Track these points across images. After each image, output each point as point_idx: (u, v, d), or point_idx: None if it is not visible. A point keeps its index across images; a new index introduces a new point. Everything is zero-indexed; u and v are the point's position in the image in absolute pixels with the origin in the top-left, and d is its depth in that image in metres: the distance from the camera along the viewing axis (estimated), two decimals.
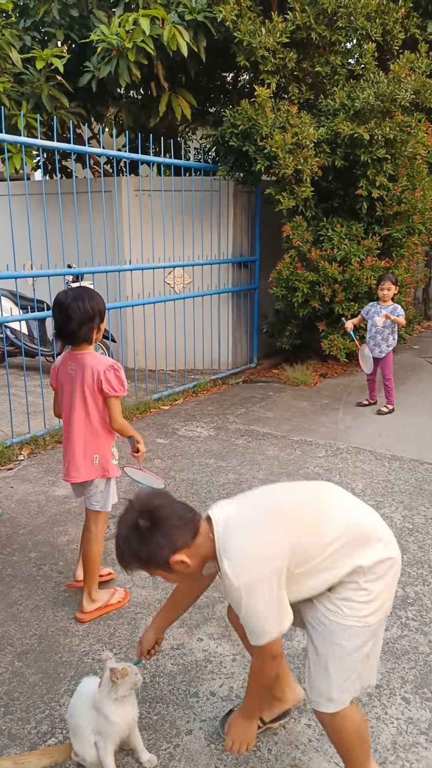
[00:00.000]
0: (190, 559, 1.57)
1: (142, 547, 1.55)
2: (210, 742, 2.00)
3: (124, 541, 1.58)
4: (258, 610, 1.54)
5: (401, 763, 1.90)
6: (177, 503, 1.61)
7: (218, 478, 4.14)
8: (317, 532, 1.59)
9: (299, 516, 1.62)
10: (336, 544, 1.57)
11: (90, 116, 6.81)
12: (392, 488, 3.94)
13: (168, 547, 1.54)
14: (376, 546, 1.60)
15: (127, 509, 1.60)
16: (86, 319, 2.51)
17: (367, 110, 5.75)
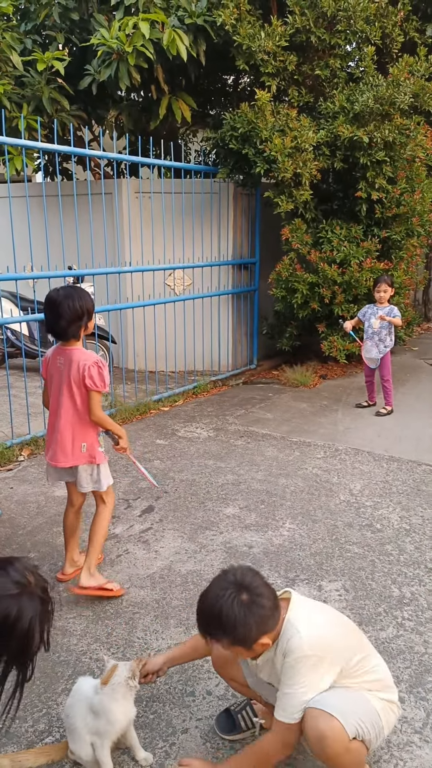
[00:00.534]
0: (271, 640, 1.65)
1: (242, 626, 1.58)
2: (206, 740, 2.01)
3: (225, 618, 1.59)
4: (305, 689, 1.62)
5: (395, 762, 1.92)
6: (268, 585, 1.68)
7: (217, 478, 4.16)
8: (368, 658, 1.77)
9: (359, 636, 1.82)
10: (375, 673, 1.77)
11: (90, 119, 6.84)
12: (390, 489, 3.96)
13: (261, 630, 1.61)
14: (393, 690, 1.83)
15: (221, 581, 1.65)
16: (75, 318, 2.66)
17: (366, 113, 5.77)
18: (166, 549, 3.26)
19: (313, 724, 1.62)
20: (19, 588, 1.41)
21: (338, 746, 1.59)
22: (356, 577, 2.96)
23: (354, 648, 1.73)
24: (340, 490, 3.95)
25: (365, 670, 1.76)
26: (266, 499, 3.84)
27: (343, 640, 1.73)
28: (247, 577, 1.64)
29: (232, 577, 1.65)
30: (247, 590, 1.61)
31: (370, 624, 2.58)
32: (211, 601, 1.62)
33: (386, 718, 1.76)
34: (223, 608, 1.59)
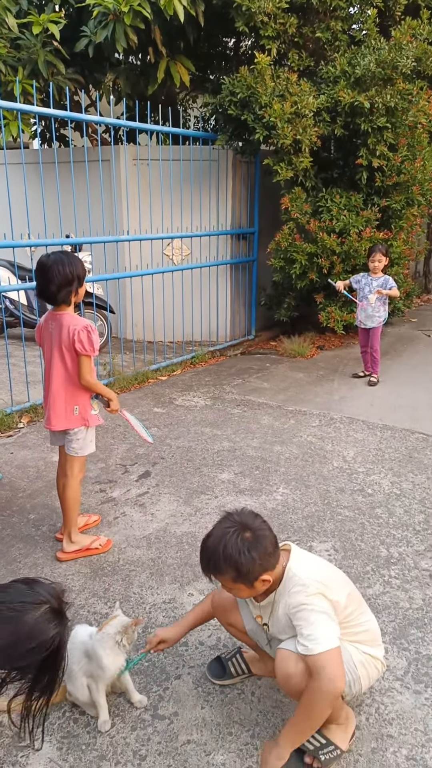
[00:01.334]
0: (271, 578, 1.72)
1: (245, 559, 1.65)
2: (197, 685, 2.11)
3: (229, 551, 1.66)
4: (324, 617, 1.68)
5: (377, 705, 2.02)
6: (270, 528, 1.76)
7: (213, 445, 4.23)
8: (359, 610, 1.87)
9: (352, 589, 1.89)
10: (363, 627, 1.86)
11: (87, 83, 6.73)
12: (383, 456, 4.03)
13: (263, 566, 1.68)
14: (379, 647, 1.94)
15: (225, 521, 1.73)
16: (65, 283, 2.68)
17: (367, 77, 5.68)
18: (162, 512, 3.35)
19: (281, 665, 1.72)
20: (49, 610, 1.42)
21: (303, 686, 1.68)
22: (346, 538, 3.04)
23: (346, 597, 1.81)
24: (334, 457, 4.02)
25: (356, 623, 1.84)
26: (261, 465, 3.91)
27: (339, 586, 1.81)
28: (249, 518, 1.74)
29: (235, 518, 1.73)
30: (249, 529, 1.70)
31: (358, 581, 2.67)
32: (216, 539, 1.70)
33: (366, 671, 1.84)
34: (227, 544, 1.67)
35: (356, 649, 1.83)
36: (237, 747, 1.87)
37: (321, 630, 1.65)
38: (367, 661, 1.85)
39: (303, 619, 1.67)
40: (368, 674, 1.86)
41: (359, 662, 1.82)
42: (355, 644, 1.84)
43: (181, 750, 1.87)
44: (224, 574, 1.71)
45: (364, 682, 1.85)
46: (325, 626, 1.66)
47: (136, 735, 1.92)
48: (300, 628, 1.68)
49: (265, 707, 2.02)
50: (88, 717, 1.99)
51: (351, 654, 1.80)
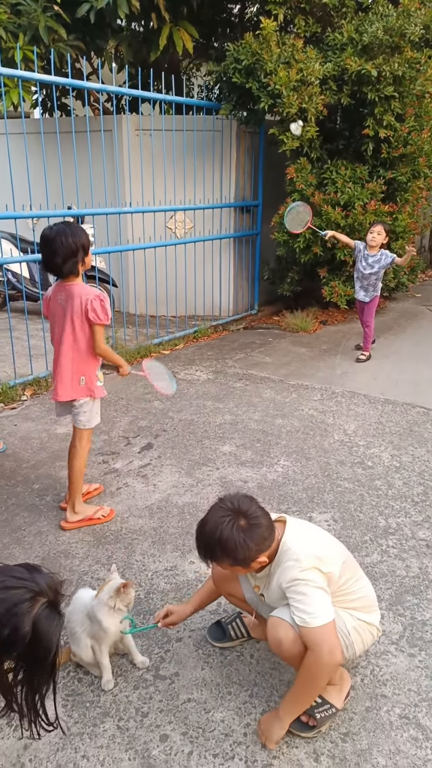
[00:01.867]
0: (267, 557, 1.77)
1: (242, 548, 1.68)
2: (198, 648, 2.18)
3: (225, 542, 1.68)
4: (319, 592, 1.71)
5: (371, 667, 2.08)
6: (262, 507, 1.77)
7: (215, 418, 4.26)
8: (354, 577, 1.90)
9: (347, 557, 1.92)
10: (359, 594, 1.90)
11: (89, 50, 6.60)
12: (383, 430, 4.06)
13: (257, 551, 1.72)
14: (375, 613, 1.97)
15: (219, 508, 1.74)
16: (70, 254, 2.68)
17: (375, 45, 5.56)
18: (164, 483, 3.39)
19: (272, 632, 1.77)
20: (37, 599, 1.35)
21: (294, 651, 1.74)
22: (345, 509, 3.09)
23: (342, 566, 1.84)
24: (335, 431, 4.05)
25: (350, 591, 1.88)
26: (262, 438, 3.95)
27: (333, 556, 1.84)
28: (243, 504, 1.74)
29: (229, 504, 1.74)
30: (244, 516, 1.71)
31: (356, 550, 2.72)
32: (212, 529, 1.71)
33: (360, 637, 1.89)
34: (223, 534, 1.69)
35: (350, 616, 1.87)
36: (236, 705, 1.94)
37: (317, 604, 1.69)
38: (361, 627, 1.90)
39: (298, 593, 1.71)
40: (362, 639, 1.91)
41: (353, 628, 1.87)
42: (350, 611, 1.88)
43: (181, 708, 1.93)
44: (221, 562, 1.75)
45: (358, 647, 1.90)
46: (321, 600, 1.70)
47: (139, 694, 1.99)
48: (294, 602, 1.72)
49: (263, 669, 2.09)
50: (92, 677, 2.06)
51: (345, 620, 1.85)
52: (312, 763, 1.75)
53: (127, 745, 1.80)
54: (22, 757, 1.77)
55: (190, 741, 1.82)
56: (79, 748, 1.80)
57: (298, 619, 1.70)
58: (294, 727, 1.82)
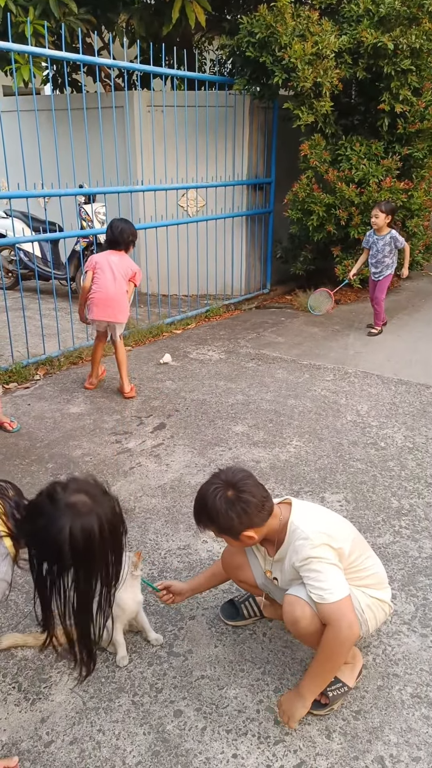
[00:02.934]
0: (257, 535, 1.79)
1: (224, 517, 1.74)
2: (211, 626, 2.20)
3: (210, 509, 1.76)
4: (332, 568, 1.72)
5: (383, 647, 2.10)
6: (260, 486, 1.80)
7: (227, 399, 4.26)
8: (364, 555, 1.91)
9: (356, 536, 1.93)
10: (369, 571, 1.90)
11: (100, 24, 6.49)
12: (396, 410, 4.04)
13: (245, 524, 1.76)
14: (386, 590, 1.97)
15: (214, 478, 1.80)
16: (134, 237, 4.23)
17: (392, 16, 5.41)
18: (177, 463, 3.41)
19: (289, 610, 1.78)
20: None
21: (310, 629, 1.75)
22: (358, 490, 3.09)
23: (350, 543, 1.85)
24: (348, 411, 4.04)
25: (361, 568, 1.89)
26: (274, 418, 3.94)
27: (342, 533, 1.85)
28: (236, 477, 1.78)
29: (223, 475, 1.79)
30: (233, 487, 1.75)
31: (369, 531, 2.72)
32: (201, 495, 1.80)
33: (373, 614, 1.90)
34: (208, 501, 1.76)
35: (363, 594, 1.88)
36: (248, 682, 1.96)
37: (333, 580, 1.70)
38: (374, 604, 1.91)
39: (313, 571, 1.72)
40: (375, 616, 1.91)
41: (366, 605, 1.88)
42: (362, 588, 1.89)
43: (195, 684, 1.96)
44: (208, 528, 1.82)
45: (371, 624, 1.91)
46: (336, 576, 1.71)
47: (153, 670, 2.02)
48: (309, 580, 1.73)
49: (275, 647, 2.11)
50: (107, 653, 2.09)
51: (358, 598, 1.86)
52: (324, 740, 1.77)
53: (141, 720, 1.84)
54: (39, 730, 1.81)
55: (204, 717, 1.85)
56: (95, 722, 1.83)
57: (315, 596, 1.71)
58: None
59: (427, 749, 1.74)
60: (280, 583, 1.92)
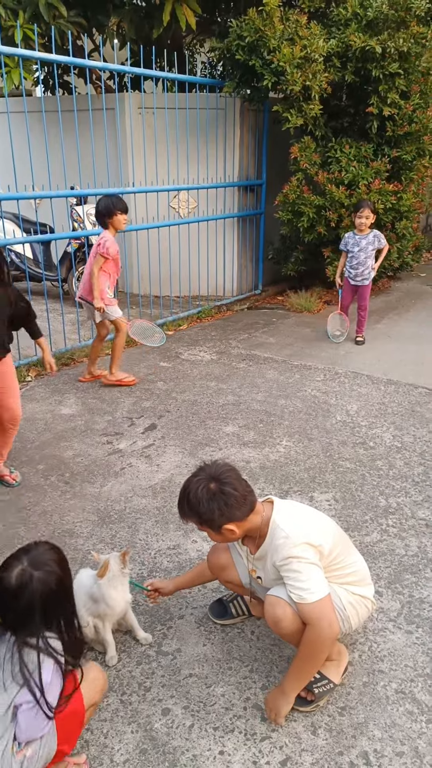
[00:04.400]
0: (238, 530, 1.82)
1: (205, 510, 1.78)
2: (200, 625, 2.22)
3: (191, 499, 1.80)
4: (312, 568, 1.75)
5: (369, 644, 2.12)
6: (243, 481, 1.84)
7: (218, 399, 4.28)
8: (346, 553, 1.94)
9: (338, 534, 1.95)
10: (351, 568, 1.93)
11: (90, 27, 6.50)
12: (386, 410, 4.07)
13: (225, 517, 1.79)
14: (368, 586, 2.01)
15: (199, 471, 1.85)
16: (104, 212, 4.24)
17: (380, 20, 5.45)
18: (168, 463, 3.43)
19: (270, 610, 1.81)
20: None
21: (292, 628, 1.78)
22: (346, 489, 3.12)
23: (331, 540, 1.87)
24: (337, 411, 4.07)
25: (342, 565, 1.91)
26: (265, 418, 3.97)
27: (323, 531, 1.87)
28: (219, 470, 1.82)
29: (208, 470, 1.83)
30: (216, 481, 1.79)
31: (357, 530, 2.75)
32: (185, 486, 1.84)
33: (355, 611, 1.92)
34: (191, 492, 1.80)
35: (345, 591, 1.90)
36: (236, 680, 1.99)
37: (312, 580, 1.73)
38: (356, 601, 1.93)
39: (293, 571, 1.74)
40: (357, 613, 1.94)
41: (348, 603, 1.90)
42: (344, 586, 1.91)
43: (183, 683, 1.98)
44: (190, 519, 1.84)
45: (354, 621, 1.94)
46: (315, 576, 1.74)
47: (141, 669, 2.04)
48: (289, 579, 1.75)
49: (263, 645, 2.13)
50: (95, 652, 2.11)
51: (340, 596, 1.88)
52: (310, 736, 1.80)
53: (130, 719, 1.86)
54: None
55: (191, 715, 1.87)
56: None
57: (294, 596, 1.73)
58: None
59: (411, 744, 1.77)
60: (264, 582, 1.95)
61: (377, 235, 5.32)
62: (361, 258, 5.32)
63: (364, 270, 5.35)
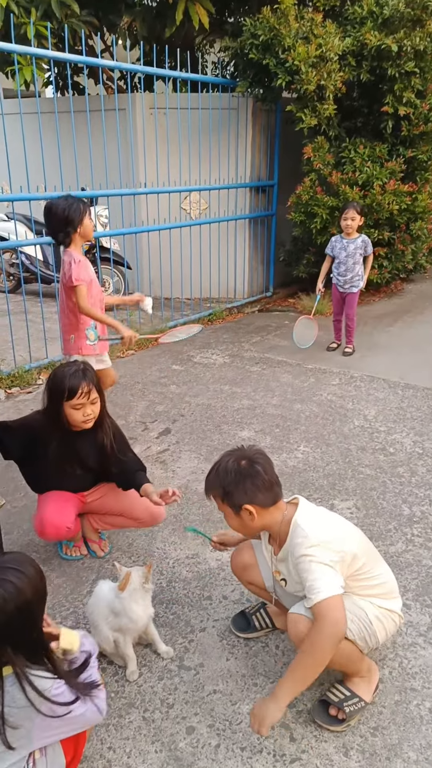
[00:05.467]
0: (257, 516, 1.79)
1: (231, 483, 1.78)
2: (222, 638, 2.15)
3: (222, 471, 1.80)
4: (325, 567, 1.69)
5: (399, 660, 2.05)
6: (275, 474, 1.83)
7: (232, 403, 4.21)
8: (373, 563, 1.87)
9: (365, 543, 1.89)
10: (378, 580, 1.86)
11: (102, 26, 6.46)
12: (404, 415, 3.99)
13: (248, 495, 1.77)
14: (396, 599, 1.93)
15: (234, 449, 1.87)
16: (61, 224, 3.04)
17: (396, 18, 5.38)
18: (183, 469, 3.36)
19: (293, 628, 1.74)
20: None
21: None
22: (368, 496, 3.04)
23: (357, 549, 1.80)
24: (355, 416, 3.99)
25: (368, 576, 1.84)
26: (281, 423, 3.90)
27: (346, 538, 1.80)
28: (254, 452, 1.84)
29: (244, 450, 1.85)
30: (248, 459, 1.80)
31: (380, 539, 2.67)
32: (218, 461, 1.85)
33: (382, 625, 1.84)
34: (221, 465, 1.82)
35: (371, 605, 1.83)
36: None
37: (321, 580, 1.66)
38: (383, 615, 1.85)
39: (305, 570, 1.70)
40: (385, 627, 1.86)
41: (374, 617, 1.82)
42: (370, 598, 1.84)
43: (207, 699, 1.91)
44: (213, 490, 1.83)
45: (381, 636, 1.86)
46: (326, 575, 1.67)
47: (163, 684, 1.97)
48: (304, 580, 1.71)
49: (289, 660, 2.06)
50: (116, 666, 2.04)
51: (365, 610, 1.81)
52: (341, 758, 1.72)
53: (153, 737, 1.79)
54: None
55: (217, 734, 1.79)
56: (105, 740, 1.78)
57: (307, 601, 1.68)
58: (323, 720, 1.80)
59: None
60: (287, 586, 1.88)
61: (366, 240, 4.97)
62: (349, 264, 4.97)
63: (353, 276, 5.01)
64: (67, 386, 2.19)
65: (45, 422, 2.30)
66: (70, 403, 2.21)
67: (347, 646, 1.77)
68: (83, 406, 2.23)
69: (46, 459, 2.33)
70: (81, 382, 2.20)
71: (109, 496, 2.52)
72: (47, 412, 2.28)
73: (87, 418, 2.26)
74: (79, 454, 2.37)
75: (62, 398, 2.20)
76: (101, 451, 2.39)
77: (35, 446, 2.33)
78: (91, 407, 2.25)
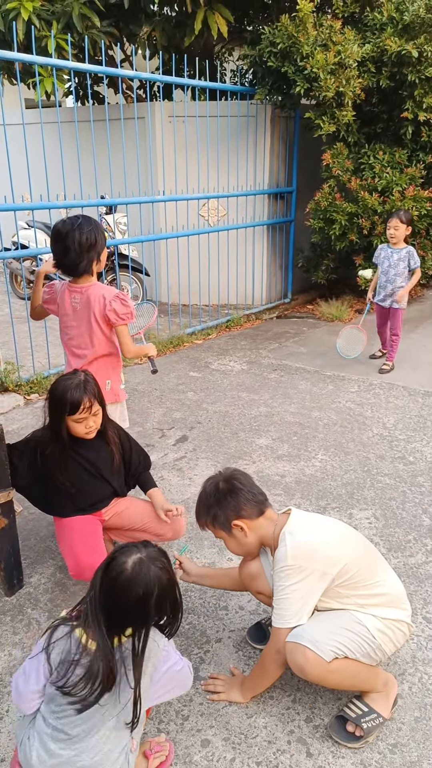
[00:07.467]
0: (248, 530, 1.84)
1: (214, 504, 1.85)
2: (238, 649, 2.13)
3: (203, 496, 1.89)
4: (291, 595, 1.74)
5: (419, 675, 2.00)
6: (256, 486, 1.90)
7: (250, 410, 4.19)
8: (370, 571, 1.83)
9: (362, 551, 1.87)
10: (378, 588, 1.82)
11: (122, 36, 6.53)
12: (424, 423, 3.93)
13: (233, 512, 1.83)
14: (402, 608, 1.87)
15: (214, 475, 1.94)
16: (84, 250, 2.50)
17: (417, 24, 5.34)
18: (200, 476, 3.34)
19: (292, 659, 1.72)
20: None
21: (319, 671, 1.69)
22: (387, 506, 2.99)
23: (349, 557, 1.76)
24: (374, 424, 3.95)
25: (366, 584, 1.78)
26: (299, 431, 3.87)
27: (333, 550, 1.77)
28: (230, 472, 1.90)
29: (219, 473, 1.93)
30: (224, 479, 1.87)
31: (399, 550, 2.63)
32: (199, 491, 1.93)
33: (389, 636, 1.78)
34: (202, 492, 1.91)
35: (373, 617, 1.78)
36: (278, 711, 1.88)
37: (284, 605, 1.74)
38: (388, 625, 1.79)
39: (277, 588, 1.76)
40: (391, 639, 1.80)
41: (377, 630, 1.77)
42: (372, 609, 1.78)
43: (222, 712, 1.89)
44: (203, 518, 1.90)
45: (388, 647, 1.80)
46: (290, 599, 1.73)
47: (179, 696, 1.95)
48: (273, 593, 1.78)
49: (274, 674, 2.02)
50: None
51: (366, 625, 1.76)
52: None
53: None
54: None
55: (233, 747, 1.77)
56: None
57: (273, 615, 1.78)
58: (340, 737, 1.76)
59: None
60: None
61: (410, 252, 4.70)
62: (390, 275, 4.72)
63: (393, 289, 4.74)
64: (68, 401, 2.14)
65: (49, 437, 2.28)
66: (73, 418, 2.18)
67: (350, 666, 1.73)
68: (85, 419, 2.20)
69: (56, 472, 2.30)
70: (83, 397, 2.15)
71: (128, 512, 2.49)
72: (50, 426, 2.26)
73: (89, 430, 2.24)
74: (88, 460, 2.35)
75: (64, 413, 2.17)
76: (109, 456, 2.38)
77: (45, 463, 2.30)
78: (93, 419, 2.23)
